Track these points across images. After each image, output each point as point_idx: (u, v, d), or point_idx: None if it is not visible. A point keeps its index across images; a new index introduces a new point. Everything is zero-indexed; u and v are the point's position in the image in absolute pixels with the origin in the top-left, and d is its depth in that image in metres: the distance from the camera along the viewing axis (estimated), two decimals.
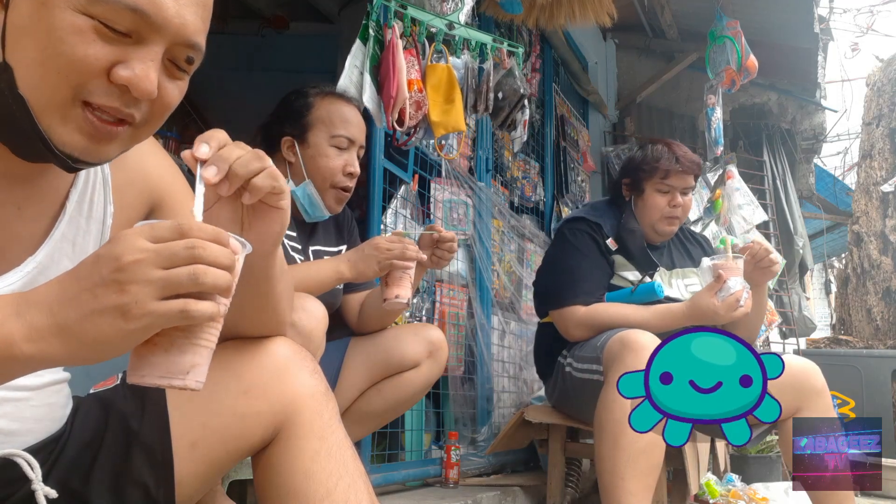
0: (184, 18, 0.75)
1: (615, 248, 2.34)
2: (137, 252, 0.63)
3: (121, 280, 0.63)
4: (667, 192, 2.36)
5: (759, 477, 3.15)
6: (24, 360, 0.64)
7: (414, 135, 2.22)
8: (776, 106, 6.11)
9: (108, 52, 0.73)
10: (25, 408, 0.85)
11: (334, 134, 1.81)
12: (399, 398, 1.93)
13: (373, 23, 2.09)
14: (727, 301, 2.03)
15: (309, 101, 1.84)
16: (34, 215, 0.84)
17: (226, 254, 0.67)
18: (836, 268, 9.24)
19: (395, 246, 1.75)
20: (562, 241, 2.40)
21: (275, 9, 4.49)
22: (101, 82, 0.73)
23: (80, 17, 0.71)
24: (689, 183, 2.38)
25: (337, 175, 1.81)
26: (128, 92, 0.74)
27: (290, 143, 1.82)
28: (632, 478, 1.81)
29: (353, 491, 0.91)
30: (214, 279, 0.65)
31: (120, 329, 0.63)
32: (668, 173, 2.34)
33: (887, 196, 6.13)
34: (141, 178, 0.96)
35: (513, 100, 2.37)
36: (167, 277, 0.63)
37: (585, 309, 2.22)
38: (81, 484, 0.89)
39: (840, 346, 5.34)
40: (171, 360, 0.67)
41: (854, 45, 12.06)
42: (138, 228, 0.65)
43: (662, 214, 2.36)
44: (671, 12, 4.89)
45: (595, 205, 2.56)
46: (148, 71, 0.74)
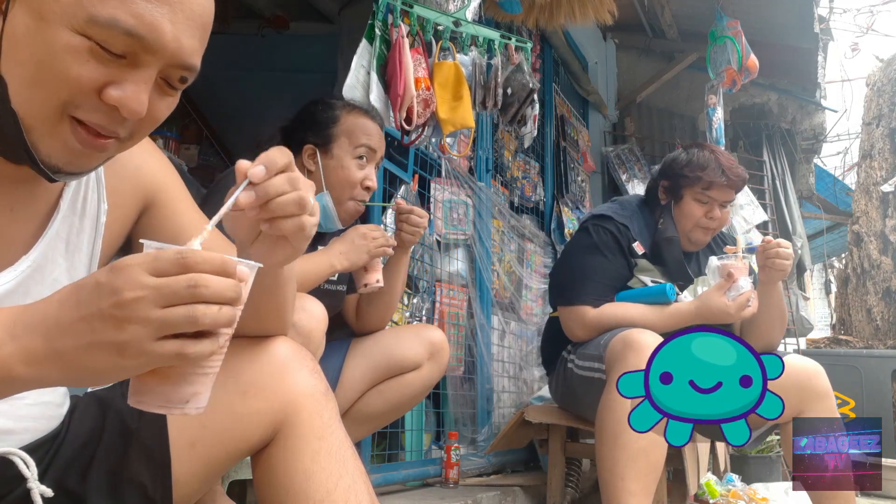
0: (180, 42, 0.75)
1: (642, 252, 2.27)
2: (138, 288, 0.62)
3: (119, 317, 0.62)
4: (706, 203, 2.26)
5: (759, 477, 3.16)
6: (21, 381, 0.64)
7: (422, 133, 2.22)
8: (776, 106, 6.11)
9: (102, 73, 0.73)
10: (21, 406, 0.85)
11: (357, 144, 1.81)
12: (400, 399, 1.93)
13: (379, 22, 2.09)
14: (738, 301, 2.01)
15: (336, 113, 1.84)
16: (27, 216, 0.84)
17: (230, 287, 0.65)
18: (836, 268, 9.24)
19: (380, 233, 1.83)
20: (584, 236, 2.32)
21: (275, 9, 4.49)
22: (90, 99, 0.73)
23: (77, 38, 0.71)
24: (731, 197, 2.29)
25: (356, 188, 1.81)
26: (116, 111, 0.74)
27: (312, 152, 1.81)
28: (632, 478, 1.80)
29: (353, 491, 0.91)
30: (214, 319, 0.63)
31: (115, 364, 0.63)
32: (711, 185, 2.23)
33: (887, 196, 6.13)
34: (135, 175, 0.96)
35: (522, 95, 2.35)
36: (164, 318, 0.62)
37: (594, 311, 2.18)
38: (78, 483, 0.89)
39: (840, 346, 5.34)
40: (170, 389, 0.66)
41: (854, 45, 12.06)
42: (141, 258, 0.64)
43: (697, 224, 2.27)
44: (671, 12, 4.89)
45: (625, 203, 2.44)
46: (139, 94, 0.74)
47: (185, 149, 4.25)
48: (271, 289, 0.93)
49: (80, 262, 0.89)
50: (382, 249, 1.81)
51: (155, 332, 0.62)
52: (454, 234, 3.03)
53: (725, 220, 2.31)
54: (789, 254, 2.07)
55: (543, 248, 3.96)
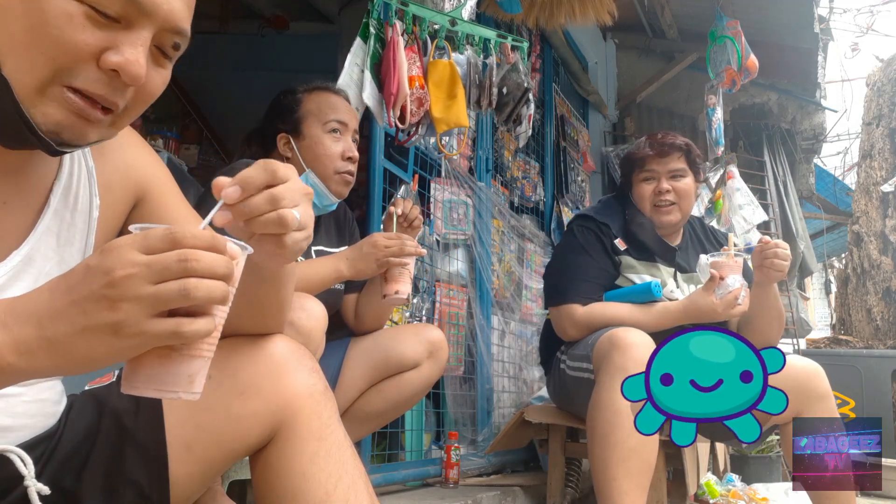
0: (171, 4, 0.76)
1: (624, 248, 2.30)
2: (129, 266, 0.61)
3: (111, 297, 0.61)
4: (651, 180, 2.33)
5: (759, 477, 3.15)
6: (11, 372, 0.63)
7: (416, 132, 2.22)
8: (776, 106, 6.11)
9: (99, 37, 0.73)
10: (18, 403, 0.85)
11: (326, 120, 1.84)
12: (399, 398, 1.93)
13: (374, 21, 2.09)
14: (726, 299, 2.01)
15: (298, 97, 1.87)
16: (19, 208, 0.84)
17: (222, 262, 0.64)
18: (836, 268, 9.24)
19: (393, 243, 1.76)
20: (570, 237, 2.38)
21: (275, 9, 4.49)
22: (90, 68, 0.73)
23: (72, 3, 0.71)
24: (673, 165, 2.32)
25: (337, 161, 1.82)
26: (117, 77, 0.74)
27: (286, 140, 1.84)
28: (624, 477, 1.80)
29: (352, 491, 0.90)
30: (208, 293, 0.62)
31: (111, 346, 0.62)
32: (644, 160, 2.33)
33: (887, 196, 6.13)
34: (126, 170, 0.96)
35: (517, 94, 2.35)
36: (157, 294, 0.61)
37: (583, 309, 2.20)
38: (74, 482, 0.88)
39: (840, 346, 5.34)
40: (166, 372, 0.65)
41: (854, 45, 12.07)
42: (130, 239, 0.63)
43: (652, 203, 2.32)
44: (671, 12, 4.89)
45: (605, 203, 2.52)
46: (138, 56, 0.74)
47: (185, 149, 4.25)
48: (270, 281, 0.92)
49: (71, 256, 0.88)
50: (389, 260, 1.75)
51: (149, 309, 0.61)
52: (454, 234, 3.03)
53: (684, 191, 2.32)
54: (787, 255, 2.07)
55: (543, 248, 3.96)
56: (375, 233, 1.85)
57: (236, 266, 0.68)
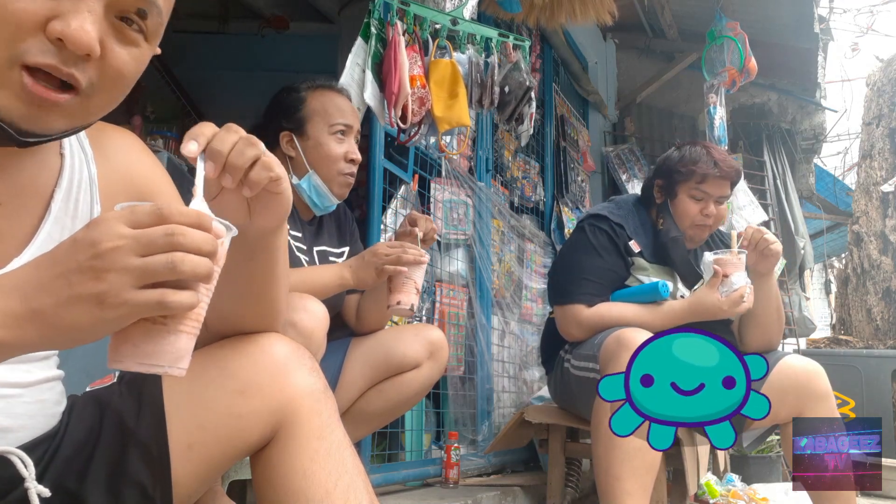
0: None
1: (638, 250, 2.26)
2: (116, 238, 0.61)
3: (97, 267, 0.61)
4: (700, 200, 2.23)
5: (759, 477, 3.15)
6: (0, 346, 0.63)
7: (417, 132, 2.22)
8: (776, 106, 6.11)
9: (42, 5, 0.71)
10: (17, 404, 0.85)
11: (332, 123, 1.84)
12: (400, 398, 1.93)
13: (375, 20, 2.09)
14: (731, 297, 2.01)
15: (301, 95, 1.87)
16: (17, 212, 0.83)
17: (207, 239, 0.65)
18: (836, 268, 9.23)
19: (393, 251, 1.73)
20: (580, 236, 2.31)
21: (275, 9, 4.49)
22: (37, 40, 0.71)
23: None
24: (725, 191, 2.26)
25: (340, 163, 1.83)
26: (65, 48, 0.72)
27: (289, 138, 1.84)
28: (628, 477, 1.80)
29: (352, 491, 0.90)
30: (193, 267, 0.63)
31: (96, 317, 0.62)
32: (704, 178, 2.21)
33: (887, 196, 6.13)
34: (127, 177, 0.96)
35: (519, 93, 2.35)
36: (144, 266, 0.61)
37: (588, 311, 2.18)
38: (77, 483, 0.88)
39: (840, 346, 5.34)
40: (152, 345, 0.65)
41: (854, 45, 12.07)
42: (117, 213, 0.64)
43: (693, 222, 2.25)
44: (671, 12, 4.89)
45: (620, 202, 2.42)
46: (83, 22, 0.72)
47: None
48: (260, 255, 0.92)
49: None
50: (386, 268, 1.71)
51: (135, 280, 0.61)
52: (454, 234, 3.03)
53: (722, 217, 2.29)
54: (772, 236, 2.06)
55: (543, 248, 3.96)
56: (379, 242, 1.85)
57: (221, 245, 0.69)
